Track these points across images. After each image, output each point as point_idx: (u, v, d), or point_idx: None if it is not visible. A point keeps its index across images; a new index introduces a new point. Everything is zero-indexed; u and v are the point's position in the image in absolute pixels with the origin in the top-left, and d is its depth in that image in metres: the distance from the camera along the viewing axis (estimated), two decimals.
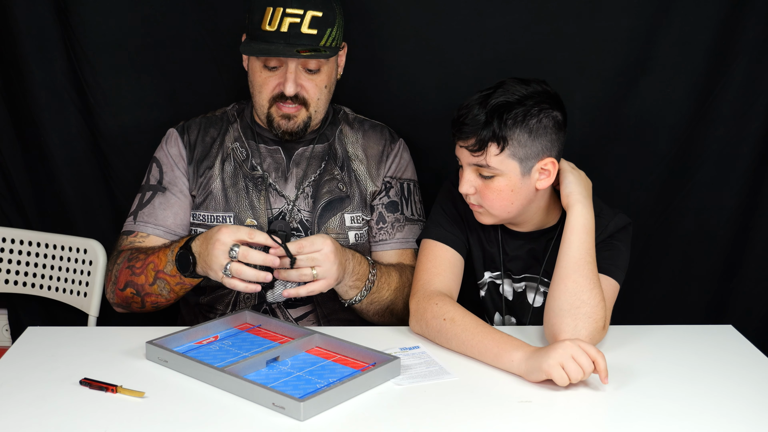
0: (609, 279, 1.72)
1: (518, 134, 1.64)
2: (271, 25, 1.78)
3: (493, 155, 1.65)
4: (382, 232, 1.96)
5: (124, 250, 1.88)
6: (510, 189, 1.69)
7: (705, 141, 2.19)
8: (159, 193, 1.92)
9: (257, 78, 1.86)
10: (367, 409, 1.42)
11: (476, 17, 2.11)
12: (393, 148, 2.00)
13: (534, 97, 1.66)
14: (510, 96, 1.65)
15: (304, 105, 1.86)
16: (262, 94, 1.86)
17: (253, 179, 1.91)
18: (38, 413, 1.39)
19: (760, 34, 2.10)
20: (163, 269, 1.76)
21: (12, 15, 2.12)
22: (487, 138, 1.64)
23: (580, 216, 1.68)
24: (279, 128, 1.88)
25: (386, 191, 1.97)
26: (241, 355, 1.59)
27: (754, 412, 1.45)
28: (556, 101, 1.69)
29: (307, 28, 1.78)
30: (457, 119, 1.69)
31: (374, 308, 1.84)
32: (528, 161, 1.67)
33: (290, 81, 1.81)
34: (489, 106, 1.64)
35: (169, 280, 1.76)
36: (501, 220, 1.76)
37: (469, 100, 1.69)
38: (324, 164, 1.95)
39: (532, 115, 1.64)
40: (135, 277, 1.79)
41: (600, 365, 1.48)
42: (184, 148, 1.94)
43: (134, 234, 1.91)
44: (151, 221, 1.91)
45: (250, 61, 1.87)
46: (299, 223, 1.91)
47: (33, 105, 2.19)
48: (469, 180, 1.71)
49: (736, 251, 2.27)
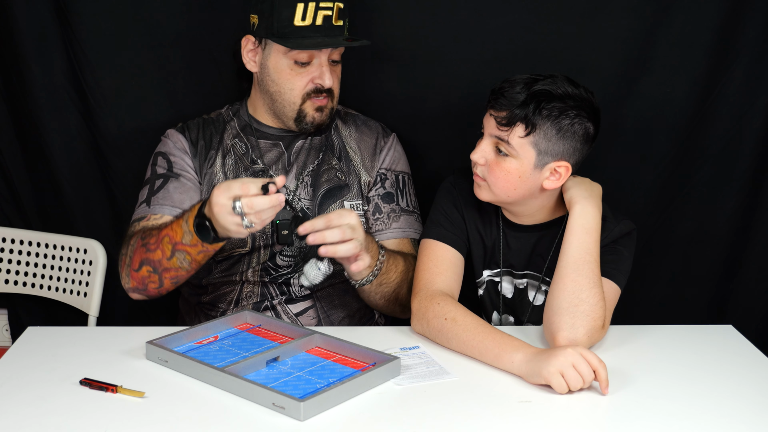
0: (610, 282, 1.72)
1: (548, 127, 1.65)
2: (305, 20, 1.79)
3: (518, 136, 1.66)
4: (379, 222, 1.96)
5: (136, 232, 1.83)
6: (518, 175, 1.69)
7: (705, 141, 2.19)
8: (172, 178, 1.90)
9: (286, 76, 1.86)
10: (367, 409, 1.42)
11: (476, 17, 2.11)
12: (386, 141, 2.01)
13: (576, 100, 1.67)
14: (555, 89, 1.66)
15: (330, 96, 1.89)
16: (294, 90, 1.87)
17: (254, 173, 1.92)
18: (38, 413, 1.39)
19: (760, 34, 2.11)
20: (181, 240, 1.69)
21: (12, 15, 2.12)
22: (518, 117, 1.65)
23: (580, 216, 1.68)
24: (313, 122, 1.89)
25: (381, 183, 1.98)
26: (241, 355, 1.59)
27: (754, 412, 1.45)
28: (595, 114, 1.70)
29: (337, 20, 1.81)
30: (499, 89, 1.69)
31: (382, 290, 1.83)
32: (546, 156, 1.68)
33: (327, 73, 1.85)
34: (532, 90, 1.65)
35: (189, 250, 1.70)
36: (499, 201, 1.77)
37: (516, 76, 1.70)
38: (322, 155, 1.96)
39: (568, 115, 1.65)
40: (150, 254, 1.74)
41: (601, 375, 1.47)
42: (187, 142, 1.94)
43: (147, 218, 1.86)
44: (167, 203, 1.87)
45: (274, 59, 1.86)
46: (300, 211, 1.91)
47: (33, 105, 2.19)
48: (483, 150, 1.72)
49: (736, 251, 2.28)
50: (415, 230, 1.98)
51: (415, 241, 1.95)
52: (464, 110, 2.12)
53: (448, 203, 1.86)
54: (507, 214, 1.84)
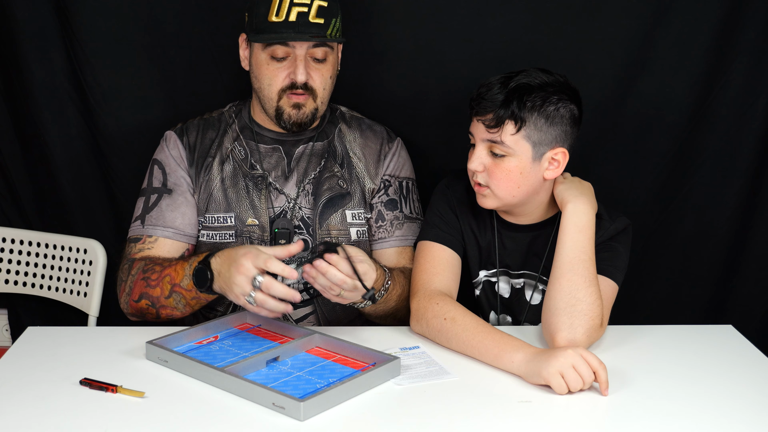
0: (607, 280, 1.72)
1: (536, 118, 1.66)
2: (279, 16, 1.79)
3: (509, 134, 1.67)
4: (382, 230, 1.96)
5: (137, 260, 1.84)
6: (519, 171, 1.69)
7: (705, 141, 2.19)
8: (165, 195, 1.91)
9: (265, 71, 1.86)
10: (367, 409, 1.42)
11: (476, 17, 2.11)
12: (391, 147, 2.00)
13: (554, 86, 1.68)
14: (532, 80, 1.67)
15: (311, 95, 1.86)
16: (272, 86, 1.86)
17: (253, 178, 1.91)
18: (38, 413, 1.39)
19: (760, 34, 2.11)
20: (179, 283, 1.72)
21: (12, 15, 2.12)
22: (505, 116, 1.66)
23: (573, 215, 1.69)
24: (289, 119, 1.88)
25: (385, 189, 1.97)
26: (241, 355, 1.59)
27: (753, 412, 1.45)
28: (575, 95, 1.71)
29: (315, 18, 1.80)
30: (477, 95, 1.70)
31: (380, 310, 1.83)
32: (541, 147, 1.68)
33: (301, 68, 1.82)
34: (510, 86, 1.67)
35: (184, 294, 1.73)
36: (504, 204, 1.76)
37: (490, 79, 1.71)
38: (324, 162, 1.95)
39: (551, 102, 1.67)
40: (150, 290, 1.76)
41: (601, 376, 1.47)
42: (184, 150, 1.93)
43: (142, 240, 1.88)
44: (159, 224, 1.89)
45: (255, 55, 1.87)
46: (300, 220, 1.91)
47: (33, 105, 2.19)
48: (479, 157, 1.72)
49: (736, 251, 2.28)
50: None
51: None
52: (464, 110, 2.10)
53: (443, 205, 1.86)
54: (502, 214, 1.84)
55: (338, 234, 1.91)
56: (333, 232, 1.90)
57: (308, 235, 1.90)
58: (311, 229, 1.91)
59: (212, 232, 1.89)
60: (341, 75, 1.96)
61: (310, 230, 1.90)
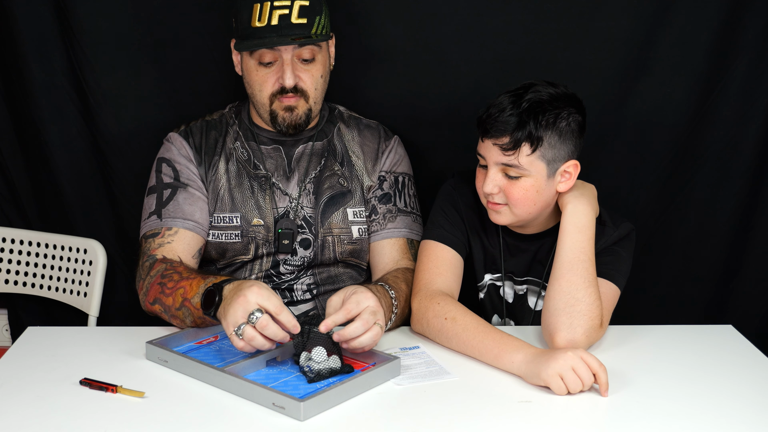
0: (609, 283, 1.72)
1: (550, 136, 1.64)
2: (261, 21, 1.78)
3: (525, 155, 1.65)
4: (374, 223, 1.96)
5: (158, 260, 1.79)
6: (536, 190, 1.68)
7: (705, 141, 2.19)
8: (180, 189, 1.88)
9: (254, 77, 1.86)
10: (367, 409, 1.42)
11: (476, 17, 2.11)
12: (388, 145, 2.00)
13: (563, 99, 1.67)
14: (541, 96, 1.65)
15: (303, 96, 1.86)
16: (263, 92, 1.86)
17: (257, 179, 1.91)
18: (38, 413, 1.39)
19: (760, 34, 2.11)
20: (190, 298, 1.66)
21: (12, 15, 2.12)
22: (522, 138, 1.63)
23: (572, 215, 1.68)
24: (284, 122, 1.87)
25: (380, 185, 1.97)
26: (241, 355, 1.59)
27: (753, 412, 1.45)
28: (580, 104, 1.70)
29: (297, 18, 1.79)
30: (488, 117, 1.67)
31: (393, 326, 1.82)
32: (555, 163, 1.67)
33: (288, 71, 1.81)
34: (523, 106, 1.64)
35: (193, 311, 1.66)
36: (519, 220, 1.74)
37: (499, 99, 1.68)
38: (324, 161, 1.95)
39: (562, 118, 1.65)
40: (164, 297, 1.71)
41: (601, 378, 1.47)
42: (191, 149, 1.92)
43: (161, 234, 1.84)
44: (179, 216, 1.85)
45: (245, 61, 1.87)
46: (303, 220, 1.91)
47: (33, 105, 2.19)
48: (494, 180, 1.69)
49: (736, 251, 2.28)
50: (411, 230, 1.96)
51: (411, 242, 1.95)
52: (464, 111, 2.12)
53: (449, 205, 1.85)
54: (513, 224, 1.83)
55: (339, 232, 1.91)
56: (335, 230, 1.90)
57: (311, 234, 1.90)
58: (313, 228, 1.91)
59: (218, 232, 1.89)
60: (341, 75, 1.96)
61: (312, 229, 1.91)
